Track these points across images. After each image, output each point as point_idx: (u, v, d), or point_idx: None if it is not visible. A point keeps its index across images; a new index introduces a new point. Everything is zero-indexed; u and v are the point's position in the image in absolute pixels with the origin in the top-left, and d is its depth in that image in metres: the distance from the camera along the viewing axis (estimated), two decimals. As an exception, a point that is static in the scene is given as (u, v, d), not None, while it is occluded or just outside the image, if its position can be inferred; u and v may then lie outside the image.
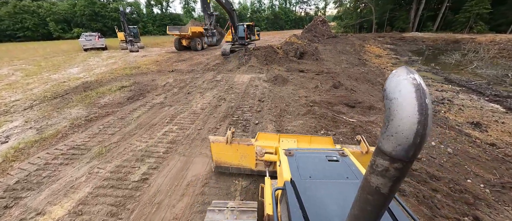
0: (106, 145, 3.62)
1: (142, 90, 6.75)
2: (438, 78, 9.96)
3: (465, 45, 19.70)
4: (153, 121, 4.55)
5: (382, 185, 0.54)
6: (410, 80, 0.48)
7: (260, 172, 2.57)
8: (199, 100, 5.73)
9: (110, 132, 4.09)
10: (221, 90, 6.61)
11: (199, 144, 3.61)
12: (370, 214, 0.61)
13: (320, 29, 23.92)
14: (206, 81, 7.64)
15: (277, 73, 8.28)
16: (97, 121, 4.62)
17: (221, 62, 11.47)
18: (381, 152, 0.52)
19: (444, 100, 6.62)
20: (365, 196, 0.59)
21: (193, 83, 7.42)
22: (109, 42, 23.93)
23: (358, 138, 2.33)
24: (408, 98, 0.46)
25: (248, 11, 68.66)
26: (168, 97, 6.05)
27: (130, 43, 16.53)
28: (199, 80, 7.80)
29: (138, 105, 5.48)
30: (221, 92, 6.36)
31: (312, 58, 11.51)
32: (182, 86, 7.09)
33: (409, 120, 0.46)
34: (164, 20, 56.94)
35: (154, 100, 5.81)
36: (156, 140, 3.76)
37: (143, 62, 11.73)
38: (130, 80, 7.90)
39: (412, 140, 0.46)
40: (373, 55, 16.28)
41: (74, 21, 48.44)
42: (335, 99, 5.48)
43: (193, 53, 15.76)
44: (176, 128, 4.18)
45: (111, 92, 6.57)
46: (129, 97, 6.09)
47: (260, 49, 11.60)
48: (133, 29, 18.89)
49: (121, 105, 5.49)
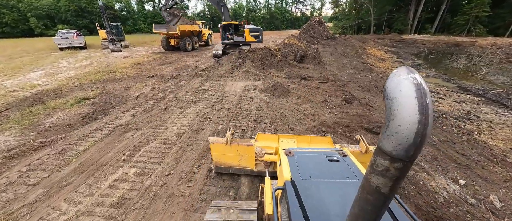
0: (9, 213, 2.27)
1: (107, 104, 5.35)
2: (451, 86, 9.03)
3: (468, 49, 19.15)
4: (105, 157, 3.21)
5: (383, 185, 0.54)
6: (410, 80, 0.48)
7: (260, 172, 2.53)
8: (177, 120, 4.41)
9: (31, 182, 2.72)
10: (207, 104, 5.31)
11: (161, 207, 2.31)
12: (370, 214, 0.60)
13: (318, 30, 22.88)
14: (190, 91, 6.30)
15: (275, 80, 7.04)
16: (23, 157, 3.23)
17: (211, 66, 10.14)
18: (381, 151, 0.52)
19: (470, 116, 5.57)
20: (365, 196, 0.59)
21: (174, 94, 6.06)
22: (93, 40, 22.06)
23: (357, 137, 2.29)
24: (409, 98, 0.46)
25: (244, 10, 67.21)
26: (137, 115, 4.69)
27: (111, 42, 14.86)
28: (182, 90, 6.44)
29: (93, 128, 4.10)
30: (207, 108, 5.06)
31: (314, 62, 10.35)
32: (160, 99, 5.73)
33: (409, 120, 0.46)
34: (156, 18, 54.64)
35: (118, 121, 4.44)
36: (96, 199, 2.43)
37: (121, 65, 10.22)
38: (97, 90, 6.46)
39: (413, 140, 0.46)
40: (376, 59, 15.32)
41: (58, 17, 45.57)
42: (351, 120, 4.29)
43: (182, 54, 14.30)
44: (134, 173, 2.86)
45: (66, 108, 5.14)
46: (86, 115, 4.69)
47: (256, 52, 10.34)
48: (116, 26, 17.20)
49: (70, 129, 4.10)
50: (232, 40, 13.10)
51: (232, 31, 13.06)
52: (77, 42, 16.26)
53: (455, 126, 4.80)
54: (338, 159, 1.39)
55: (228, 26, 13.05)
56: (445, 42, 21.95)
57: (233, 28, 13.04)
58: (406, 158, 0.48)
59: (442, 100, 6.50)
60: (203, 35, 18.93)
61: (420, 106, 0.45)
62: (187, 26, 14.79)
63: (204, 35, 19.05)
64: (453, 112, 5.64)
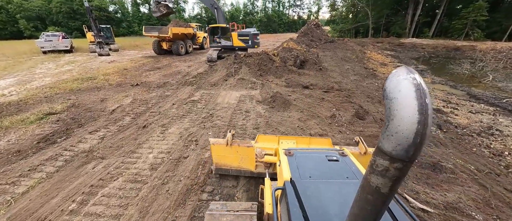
0: None
1: (74, 121, 4.48)
2: (460, 94, 8.47)
3: (468, 53, 18.85)
4: (46, 206, 2.35)
5: (382, 185, 0.54)
6: (410, 80, 0.47)
7: (260, 173, 2.49)
8: (155, 144, 3.58)
9: None
10: (195, 120, 4.48)
11: None
12: (370, 214, 0.60)
13: (317, 33, 22.37)
14: (177, 104, 5.47)
15: (275, 90, 6.27)
16: None
17: (204, 72, 9.34)
18: (381, 151, 0.52)
19: (492, 130, 4.90)
20: (365, 196, 0.59)
21: (158, 108, 5.22)
22: (83, 43, 21.01)
23: (356, 139, 2.28)
24: (408, 98, 0.46)
25: (241, 13, 66.90)
26: (107, 137, 3.84)
27: (98, 46, 13.91)
28: (168, 102, 5.61)
29: (46, 157, 3.23)
30: (195, 126, 4.24)
31: (315, 67, 9.65)
32: (139, 113, 4.88)
33: (409, 120, 0.46)
34: (152, 20, 53.70)
35: (81, 145, 3.58)
36: None
37: (105, 71, 9.32)
38: (68, 102, 5.57)
39: (412, 140, 0.46)
40: (378, 64, 14.76)
41: (49, 19, 44.20)
42: (368, 143, 3.53)
43: (174, 58, 13.44)
44: (78, 236, 2.01)
45: (23, 126, 4.25)
46: (44, 137, 3.81)
47: (252, 57, 9.59)
48: (104, 28, 16.27)
49: (16, 158, 3.22)
50: (220, 44, 12.29)
51: (220, 34, 12.22)
52: (62, 45, 15.22)
53: (483, 146, 4.11)
54: (337, 159, 1.38)
55: (216, 29, 12.26)
56: (444, 46, 21.68)
57: (221, 31, 12.19)
58: (405, 158, 0.48)
59: (456, 111, 5.86)
60: (198, 38, 18.15)
61: (419, 106, 0.45)
62: (180, 29, 13.96)
63: (199, 38, 18.26)
64: (473, 126, 4.96)
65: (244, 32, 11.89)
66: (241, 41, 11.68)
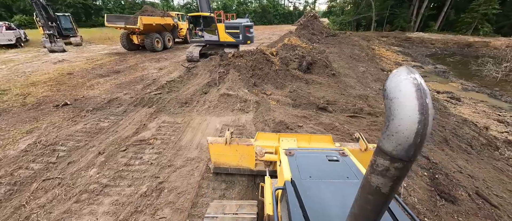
0: None
1: None
2: (507, 107, 6.61)
3: (481, 50, 17.10)
4: None
5: (383, 185, 0.54)
6: (410, 80, 0.47)
7: (260, 172, 2.47)
8: None
9: None
10: (124, 204, 2.15)
11: None
12: (370, 214, 0.60)
13: (317, 26, 19.88)
14: (107, 153, 3.06)
15: (277, 116, 3.97)
16: None
17: (179, 78, 6.86)
18: (381, 151, 0.52)
19: None
20: (366, 196, 0.59)
21: (66, 165, 2.81)
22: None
23: (357, 135, 2.24)
24: (409, 98, 0.46)
25: (234, 2, 62.69)
26: None
27: (49, 39, 10.90)
28: (94, 148, 3.18)
29: None
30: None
31: (326, 72, 7.36)
32: (19, 184, 2.47)
33: (409, 120, 0.46)
34: (135, 9, 48.85)
35: None
36: None
37: (37, 78, 6.62)
38: None
39: (413, 140, 0.46)
40: (392, 63, 12.66)
41: (16, 6, 38.84)
42: None
43: (147, 56, 10.71)
44: None
45: None
46: None
47: (244, 56, 7.19)
48: (61, 17, 13.09)
49: None
50: (202, 38, 9.60)
51: (202, 26, 9.44)
52: (4, 38, 12.00)
53: None
54: (338, 159, 1.39)
55: (198, 19, 9.52)
56: (455, 42, 19.85)
57: (203, 22, 9.46)
58: (406, 158, 0.48)
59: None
60: (181, 30, 15.24)
61: (420, 106, 0.45)
62: (154, 18, 11.10)
63: (182, 31, 15.34)
64: None
65: (233, 24, 9.26)
66: (229, 35, 9.08)
